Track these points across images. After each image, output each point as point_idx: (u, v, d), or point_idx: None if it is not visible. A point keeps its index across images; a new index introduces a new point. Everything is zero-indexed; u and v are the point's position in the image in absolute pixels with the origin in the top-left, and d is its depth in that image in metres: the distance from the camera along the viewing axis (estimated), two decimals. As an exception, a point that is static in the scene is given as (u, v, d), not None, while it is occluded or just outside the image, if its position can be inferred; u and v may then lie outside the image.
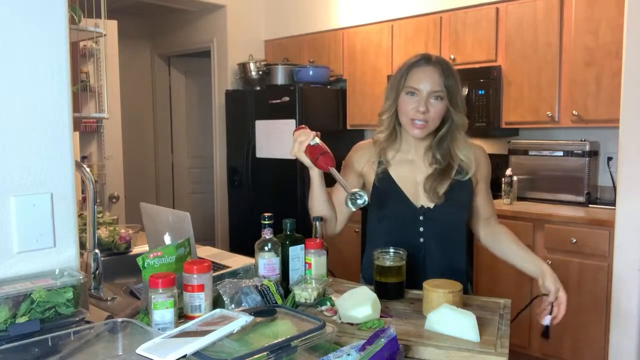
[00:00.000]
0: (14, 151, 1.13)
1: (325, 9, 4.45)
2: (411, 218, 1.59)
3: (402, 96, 1.55)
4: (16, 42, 1.12)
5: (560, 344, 2.95)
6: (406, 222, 1.60)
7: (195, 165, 6.06)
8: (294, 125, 4.12)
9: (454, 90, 1.52)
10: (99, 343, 1.05)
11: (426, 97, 1.50)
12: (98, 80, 3.76)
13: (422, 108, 1.50)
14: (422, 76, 1.52)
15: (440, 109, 1.52)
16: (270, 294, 1.29)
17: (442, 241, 1.60)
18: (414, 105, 1.52)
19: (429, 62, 1.53)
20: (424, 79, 1.51)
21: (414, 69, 1.54)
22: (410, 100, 1.53)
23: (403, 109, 1.55)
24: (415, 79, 1.52)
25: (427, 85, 1.50)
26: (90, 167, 4.11)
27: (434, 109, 1.51)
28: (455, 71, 1.56)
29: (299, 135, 1.51)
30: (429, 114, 1.51)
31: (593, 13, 3.02)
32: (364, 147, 1.69)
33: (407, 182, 1.60)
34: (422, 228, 1.59)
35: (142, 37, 5.85)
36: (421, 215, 1.58)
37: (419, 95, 1.51)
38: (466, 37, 3.56)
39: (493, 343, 1.13)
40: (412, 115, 1.52)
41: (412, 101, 1.52)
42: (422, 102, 1.50)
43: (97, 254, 1.63)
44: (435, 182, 1.57)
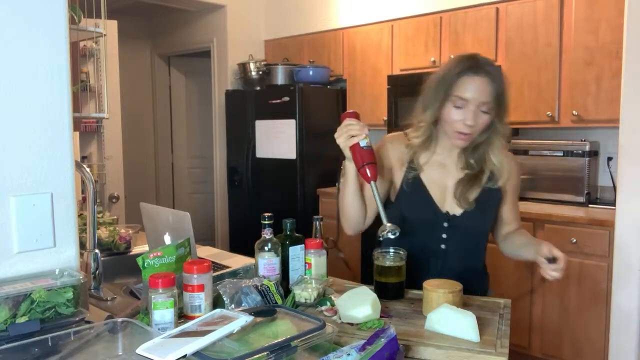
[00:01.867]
0: (14, 151, 1.13)
1: (325, 9, 4.45)
2: (435, 223, 1.54)
3: (448, 106, 1.45)
4: (16, 42, 1.12)
5: (560, 344, 2.95)
6: (429, 227, 1.54)
7: (195, 165, 6.06)
8: (294, 125, 4.12)
9: (503, 100, 1.45)
10: (99, 343, 1.05)
11: (475, 109, 1.42)
12: (98, 80, 3.76)
13: (470, 122, 1.42)
14: (472, 87, 1.41)
15: (487, 122, 1.45)
16: (270, 294, 1.29)
17: (464, 249, 1.55)
18: (461, 117, 1.43)
19: (479, 71, 1.42)
20: (474, 90, 1.41)
21: (463, 78, 1.42)
22: (457, 112, 1.43)
23: (448, 119, 1.46)
24: (464, 89, 1.41)
25: (477, 98, 1.41)
26: (90, 167, 4.12)
27: (482, 121, 1.44)
28: (505, 77, 1.48)
29: (351, 128, 1.36)
30: (476, 127, 1.44)
31: (593, 13, 3.02)
32: (395, 142, 1.59)
33: (436, 186, 1.55)
34: (445, 235, 1.54)
35: (142, 37, 5.85)
36: (445, 221, 1.53)
37: (467, 108, 1.42)
38: (466, 37, 3.56)
39: (493, 343, 1.13)
40: (458, 127, 1.44)
41: (459, 113, 1.43)
42: (470, 116, 1.41)
43: (97, 254, 1.63)
44: (466, 187, 1.52)
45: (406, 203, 1.56)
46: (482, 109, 1.42)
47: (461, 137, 1.46)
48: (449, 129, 1.47)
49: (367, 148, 1.36)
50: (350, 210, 1.52)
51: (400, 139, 1.60)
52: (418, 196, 1.54)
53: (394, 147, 1.58)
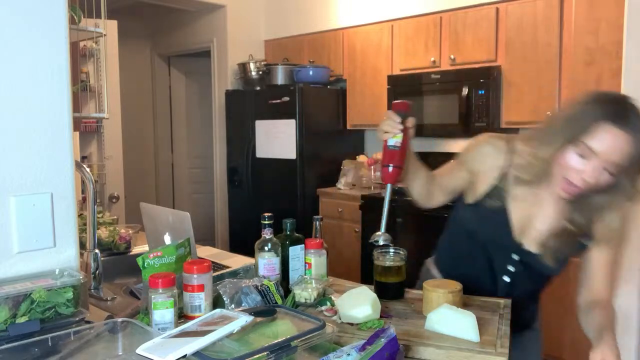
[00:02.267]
0: (14, 151, 1.13)
1: (325, 9, 4.45)
2: (503, 249, 1.39)
3: (571, 151, 1.20)
4: (16, 42, 1.12)
5: (561, 343, 2.95)
6: (495, 251, 1.40)
7: (195, 165, 6.07)
8: (294, 125, 4.12)
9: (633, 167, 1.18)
10: (99, 343, 1.05)
11: (599, 166, 1.18)
12: (98, 80, 3.76)
13: (590, 179, 1.19)
14: (607, 141, 1.15)
15: (610, 182, 1.20)
16: (270, 294, 1.29)
17: (526, 287, 1.43)
18: (580, 168, 1.19)
19: (623, 123, 1.15)
20: (608, 145, 1.15)
21: (601, 126, 1.16)
22: (578, 161, 1.19)
23: (564, 163, 1.22)
24: (596, 140, 1.16)
25: (609, 155, 1.16)
26: (90, 167, 4.12)
27: (603, 181, 1.20)
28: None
29: (386, 122, 1.29)
30: (592, 186, 1.21)
31: (593, 13, 3.02)
32: (495, 150, 1.36)
33: (520, 213, 1.35)
34: (513, 268, 1.40)
35: (142, 37, 5.85)
36: (516, 253, 1.38)
37: (591, 160, 1.18)
38: (466, 37, 3.56)
39: (493, 343, 1.13)
40: (571, 177, 1.21)
41: (580, 162, 1.19)
42: (591, 171, 1.18)
43: (97, 254, 1.63)
44: (557, 241, 1.32)
45: (478, 215, 1.40)
46: (608, 168, 1.17)
47: (569, 189, 1.23)
48: (559, 174, 1.24)
49: (393, 149, 1.32)
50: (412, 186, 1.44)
51: (501, 148, 1.36)
52: (496, 215, 1.36)
53: (491, 154, 1.37)
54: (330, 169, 4.32)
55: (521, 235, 1.37)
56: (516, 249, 1.38)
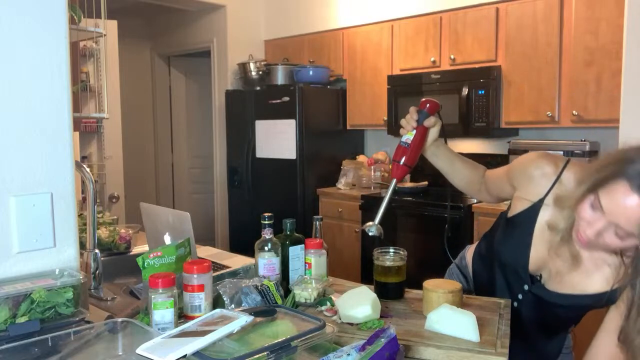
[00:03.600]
0: (14, 151, 1.13)
1: (325, 9, 4.45)
2: (516, 279, 1.35)
3: (587, 201, 1.12)
4: (16, 42, 1.12)
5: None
6: (509, 277, 1.37)
7: (195, 165, 6.07)
8: (294, 125, 4.12)
9: None
10: (99, 343, 1.05)
11: (606, 225, 1.09)
12: (98, 80, 3.76)
13: (591, 235, 1.11)
14: (618, 202, 1.06)
15: (617, 246, 1.11)
16: (270, 294, 1.29)
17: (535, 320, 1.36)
18: (587, 220, 1.12)
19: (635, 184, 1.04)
20: (617, 205, 1.06)
21: (619, 183, 1.05)
22: (588, 212, 1.12)
23: (578, 212, 1.15)
24: (609, 197, 1.07)
25: (615, 216, 1.06)
26: (90, 167, 4.12)
27: (610, 242, 1.11)
28: None
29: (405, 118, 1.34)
30: (599, 245, 1.13)
31: (593, 13, 3.02)
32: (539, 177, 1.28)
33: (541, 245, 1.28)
34: (521, 295, 1.35)
35: (142, 37, 5.85)
36: (528, 285, 1.33)
37: (599, 217, 1.09)
38: (466, 37, 3.56)
39: (493, 343, 1.13)
40: (581, 227, 1.14)
41: (589, 214, 1.11)
42: (595, 229, 1.10)
43: (97, 254, 1.63)
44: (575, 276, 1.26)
45: (506, 231, 1.37)
46: (617, 232, 1.08)
47: (581, 239, 1.14)
48: (574, 227, 1.18)
49: (404, 145, 1.33)
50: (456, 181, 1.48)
51: (548, 175, 1.28)
52: (519, 241, 1.31)
53: (535, 179, 1.29)
54: (330, 169, 4.32)
55: (542, 266, 1.30)
56: (528, 281, 1.32)
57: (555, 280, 1.29)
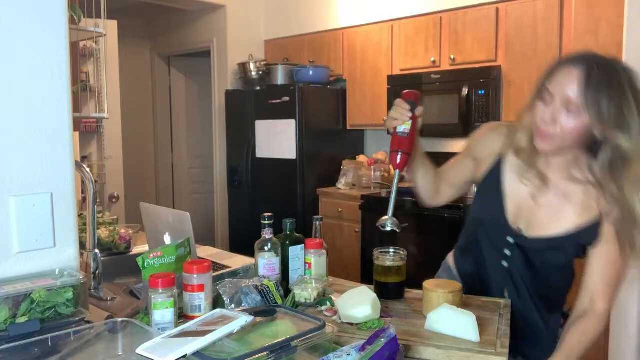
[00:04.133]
0: (14, 151, 1.13)
1: (325, 9, 4.45)
2: (499, 235, 1.38)
3: (538, 104, 1.23)
4: (16, 42, 1.12)
5: (560, 344, 2.95)
6: (491, 237, 1.40)
7: (195, 165, 6.07)
8: (294, 125, 4.12)
9: (603, 105, 1.13)
10: (99, 343, 1.05)
11: (558, 106, 1.18)
12: (98, 80, 3.76)
13: (546, 116, 1.20)
14: (561, 78, 1.18)
15: (573, 127, 1.17)
16: (270, 294, 1.29)
17: (530, 276, 1.35)
18: (543, 114, 1.21)
19: (577, 62, 1.17)
20: (561, 82, 1.18)
21: (559, 68, 1.20)
22: (541, 107, 1.22)
23: (534, 113, 1.24)
24: (554, 79, 1.19)
25: (562, 91, 1.17)
26: (90, 167, 4.12)
27: (565, 123, 1.18)
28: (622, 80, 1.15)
29: (395, 109, 1.30)
30: (556, 127, 1.19)
31: (593, 13, 3.02)
32: (494, 135, 1.40)
33: (517, 196, 1.34)
34: (509, 252, 1.37)
35: (142, 37, 5.85)
36: (513, 237, 1.36)
37: (552, 102, 1.19)
38: (466, 37, 3.56)
39: (493, 343, 1.13)
40: (538, 122, 1.23)
41: (542, 107, 1.22)
42: (550, 110, 1.19)
43: (97, 254, 1.63)
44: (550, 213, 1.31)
45: (479, 196, 1.44)
46: (568, 108, 1.17)
47: (541, 132, 1.22)
48: (533, 127, 1.25)
49: (403, 135, 1.32)
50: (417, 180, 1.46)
51: (502, 132, 1.39)
52: (492, 194, 1.38)
53: (492, 138, 1.40)
54: (330, 169, 4.32)
55: (517, 218, 1.35)
56: (510, 232, 1.36)
57: (533, 227, 1.33)
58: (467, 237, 1.53)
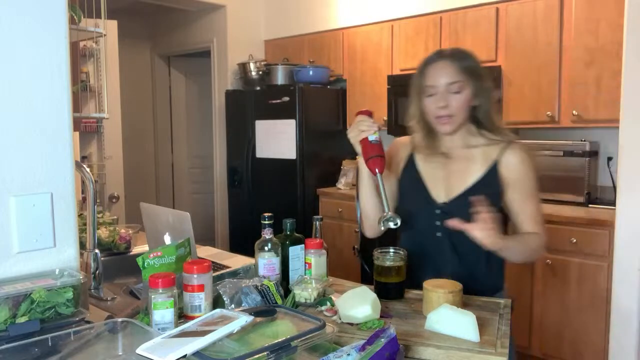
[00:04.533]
0: (14, 151, 1.13)
1: (325, 9, 4.45)
2: (427, 212, 1.54)
3: (424, 99, 1.51)
4: (16, 42, 1.13)
5: (560, 344, 2.95)
6: (422, 217, 1.55)
7: (195, 165, 6.06)
8: (294, 125, 4.12)
9: (474, 71, 1.47)
10: (99, 343, 1.05)
11: (444, 92, 1.47)
12: (98, 80, 3.76)
13: (441, 103, 1.46)
14: (436, 72, 1.48)
15: (463, 100, 1.47)
16: (270, 294, 1.29)
17: (460, 241, 1.46)
18: (433, 104, 1.48)
19: (438, 57, 1.50)
20: (438, 74, 1.47)
21: (428, 67, 1.50)
22: (430, 100, 1.49)
23: (427, 110, 1.52)
24: (429, 77, 1.49)
25: (441, 80, 1.46)
26: (90, 167, 4.12)
27: (455, 102, 1.46)
28: (471, 54, 1.52)
29: (362, 122, 1.47)
30: (451, 108, 1.47)
31: (593, 13, 3.02)
32: (402, 142, 1.66)
33: (431, 175, 1.57)
34: (439, 222, 1.51)
35: (142, 37, 5.85)
36: (438, 209, 1.52)
37: (437, 92, 1.47)
38: (466, 37, 3.56)
39: (493, 343, 1.13)
40: (435, 113, 1.49)
41: (432, 100, 1.49)
42: (440, 98, 1.47)
43: (97, 254, 1.63)
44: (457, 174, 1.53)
45: (402, 193, 1.61)
46: (451, 90, 1.46)
47: (441, 121, 1.49)
48: (432, 120, 1.52)
49: (375, 142, 1.43)
50: (367, 207, 1.57)
51: (406, 139, 1.66)
52: (412, 185, 1.59)
53: (400, 147, 1.65)
54: (330, 169, 4.32)
55: (439, 192, 1.54)
56: (436, 205, 1.53)
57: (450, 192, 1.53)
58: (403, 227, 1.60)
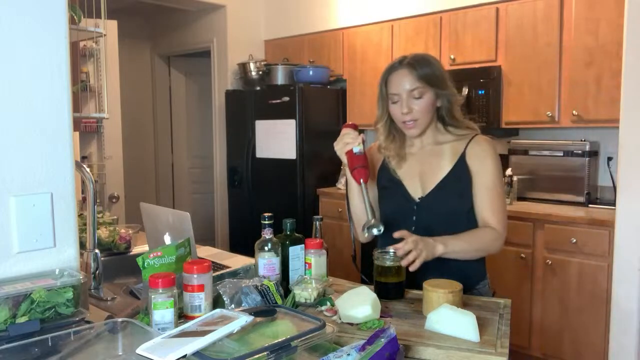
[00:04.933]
0: (14, 151, 1.13)
1: (325, 9, 4.45)
2: (406, 206, 1.60)
3: (390, 106, 1.59)
4: (16, 42, 1.12)
5: (560, 344, 2.95)
6: (401, 211, 1.61)
7: (195, 165, 6.06)
8: (294, 125, 4.12)
9: (432, 78, 1.54)
10: (99, 343, 1.05)
11: (406, 99, 1.54)
12: (98, 80, 3.76)
13: (404, 109, 1.54)
14: (398, 80, 1.56)
15: (425, 105, 1.55)
16: (270, 294, 1.29)
17: (435, 232, 1.51)
18: (399, 110, 1.56)
19: (398, 66, 1.57)
20: (399, 82, 1.55)
21: (390, 76, 1.59)
22: (395, 107, 1.57)
23: (393, 116, 1.60)
24: (392, 85, 1.57)
25: (403, 88, 1.54)
26: (90, 167, 4.12)
27: (418, 107, 1.54)
28: (432, 60, 1.59)
29: (347, 134, 1.53)
30: (415, 113, 1.54)
31: (593, 13, 3.02)
32: (374, 150, 1.72)
33: (407, 175, 1.63)
34: (415, 217, 1.58)
35: (142, 37, 5.85)
36: (414, 205, 1.59)
37: (400, 99, 1.55)
38: (466, 37, 3.56)
39: (493, 343, 1.13)
40: (400, 119, 1.57)
41: (396, 107, 1.57)
42: (403, 105, 1.54)
43: (97, 254, 1.63)
44: (429, 169, 1.60)
45: (382, 196, 1.67)
46: (413, 95, 1.54)
47: (407, 125, 1.57)
48: (399, 124, 1.60)
49: (360, 154, 1.49)
50: (358, 213, 1.65)
51: (375, 146, 1.73)
52: (390, 187, 1.65)
53: (374, 152, 1.71)
54: (330, 169, 4.32)
55: (416, 190, 1.60)
56: (414, 201, 1.59)
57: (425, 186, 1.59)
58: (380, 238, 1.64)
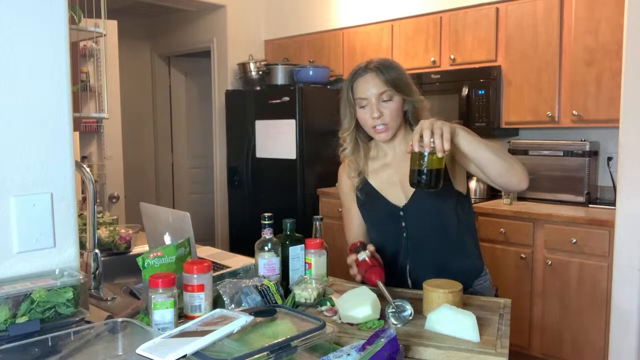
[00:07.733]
0: (14, 151, 1.13)
1: (325, 9, 4.45)
2: (392, 216, 1.59)
3: (358, 111, 1.56)
4: (16, 42, 1.12)
5: (560, 343, 2.95)
6: (388, 222, 1.60)
7: (195, 165, 6.06)
8: (294, 125, 4.12)
9: (398, 83, 1.53)
10: (99, 343, 1.05)
11: (376, 103, 1.52)
12: (98, 80, 3.76)
13: (375, 114, 1.52)
14: (364, 85, 1.54)
15: (395, 108, 1.53)
16: (270, 294, 1.29)
17: (427, 235, 1.56)
18: (368, 114, 1.54)
19: (365, 70, 1.55)
20: (366, 86, 1.53)
21: (356, 81, 1.56)
22: (363, 112, 1.55)
23: (362, 122, 1.57)
24: (359, 90, 1.55)
25: (371, 92, 1.52)
26: (90, 167, 4.11)
27: (388, 110, 1.53)
28: (396, 65, 1.58)
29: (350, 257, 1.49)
30: (385, 117, 1.52)
31: (593, 13, 3.02)
32: (344, 169, 1.70)
33: (386, 185, 1.61)
34: (404, 223, 1.58)
35: (142, 37, 5.85)
36: (401, 210, 1.58)
37: (369, 103, 1.53)
38: (466, 37, 3.56)
39: (493, 343, 1.13)
40: (371, 124, 1.54)
41: (365, 112, 1.54)
42: (373, 109, 1.52)
43: (97, 254, 1.63)
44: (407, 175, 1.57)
45: (365, 210, 1.66)
46: (382, 99, 1.52)
47: (377, 130, 1.55)
48: (368, 130, 1.58)
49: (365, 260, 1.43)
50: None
51: (344, 166, 1.71)
52: (372, 198, 1.63)
53: (345, 175, 1.69)
54: (330, 169, 4.28)
55: (399, 199, 1.59)
56: (398, 209, 1.58)
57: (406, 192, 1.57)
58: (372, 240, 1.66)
